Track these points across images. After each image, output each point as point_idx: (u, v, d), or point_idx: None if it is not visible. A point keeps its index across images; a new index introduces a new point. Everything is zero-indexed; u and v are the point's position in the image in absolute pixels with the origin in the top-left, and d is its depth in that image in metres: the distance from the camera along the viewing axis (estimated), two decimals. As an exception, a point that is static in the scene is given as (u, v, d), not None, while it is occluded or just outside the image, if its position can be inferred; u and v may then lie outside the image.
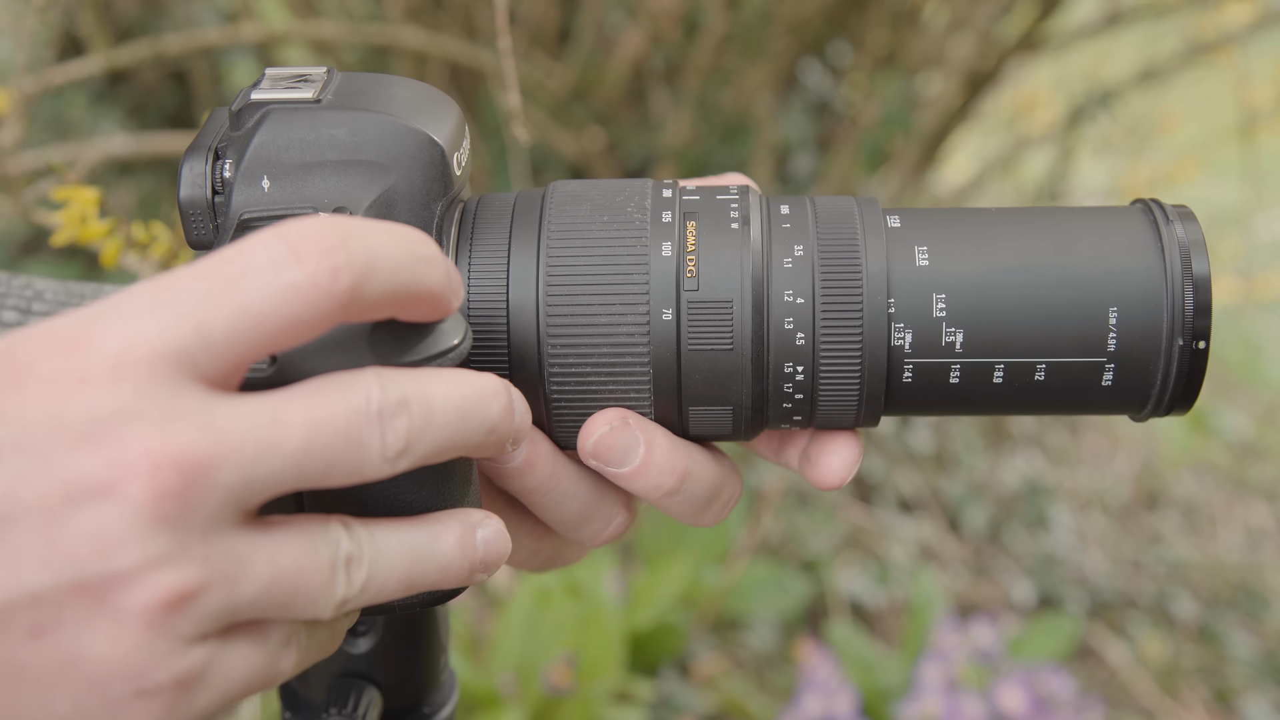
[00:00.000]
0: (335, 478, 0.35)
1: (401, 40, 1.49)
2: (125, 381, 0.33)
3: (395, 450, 0.36)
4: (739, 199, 0.46)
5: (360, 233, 0.36)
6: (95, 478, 0.32)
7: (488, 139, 1.81)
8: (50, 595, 0.32)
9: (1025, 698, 1.33)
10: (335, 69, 0.46)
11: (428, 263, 0.38)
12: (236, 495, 0.34)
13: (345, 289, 0.35)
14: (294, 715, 0.51)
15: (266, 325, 0.34)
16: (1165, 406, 0.46)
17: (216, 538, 0.34)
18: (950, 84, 1.90)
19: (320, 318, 0.35)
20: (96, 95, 2.03)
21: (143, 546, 0.32)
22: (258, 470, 0.34)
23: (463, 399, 0.38)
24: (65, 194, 0.64)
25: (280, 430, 0.34)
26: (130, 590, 0.32)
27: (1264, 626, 1.86)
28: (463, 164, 0.45)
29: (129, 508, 0.32)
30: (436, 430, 0.37)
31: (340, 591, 0.36)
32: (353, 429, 0.35)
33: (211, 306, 0.34)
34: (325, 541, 0.36)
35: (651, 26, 1.79)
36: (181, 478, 0.32)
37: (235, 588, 0.34)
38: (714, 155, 1.85)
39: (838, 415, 0.46)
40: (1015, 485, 2.03)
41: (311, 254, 0.35)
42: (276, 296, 0.34)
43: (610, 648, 1.35)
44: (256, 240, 0.35)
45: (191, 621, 0.33)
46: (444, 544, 0.39)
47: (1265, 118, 2.10)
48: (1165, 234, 0.45)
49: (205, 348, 0.34)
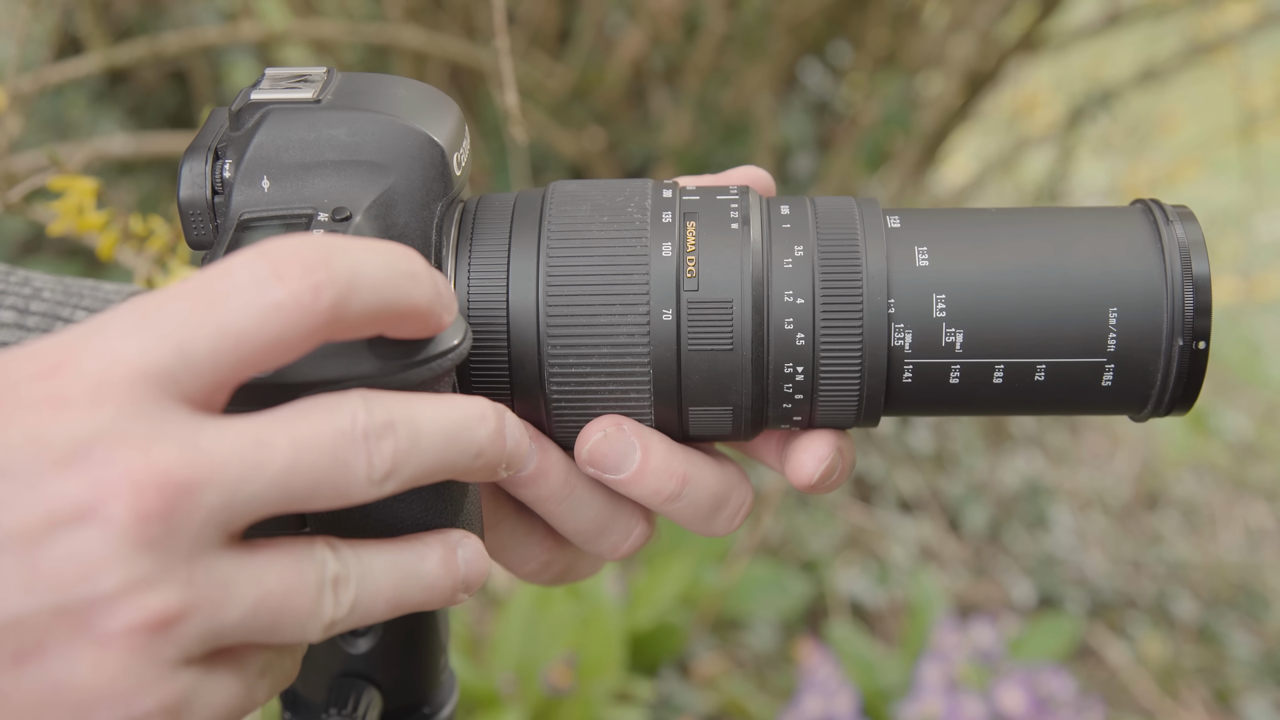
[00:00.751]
0: (321, 500, 0.35)
1: (401, 40, 1.49)
2: (107, 403, 0.33)
3: (381, 472, 0.36)
4: (739, 199, 0.46)
5: (343, 250, 0.36)
6: (77, 501, 0.32)
7: (488, 139, 1.81)
8: (33, 621, 0.32)
9: (1025, 698, 1.33)
10: (335, 69, 0.46)
11: (413, 279, 0.37)
12: (220, 517, 0.33)
13: (328, 306, 0.35)
14: (294, 715, 0.51)
15: (249, 344, 0.34)
16: (1165, 407, 0.46)
17: (200, 560, 0.33)
18: (950, 84, 1.90)
19: (303, 336, 0.35)
20: (96, 95, 2.03)
21: (125, 569, 0.32)
22: (242, 491, 0.34)
23: (450, 422, 0.38)
24: (63, 183, 0.64)
25: (264, 451, 0.34)
26: (113, 613, 0.32)
27: (1264, 626, 1.86)
28: (463, 164, 0.45)
29: (111, 530, 0.32)
30: (423, 453, 0.37)
31: (329, 613, 0.36)
32: (339, 450, 0.35)
33: (193, 327, 0.34)
34: (311, 562, 0.36)
35: (651, 26, 1.79)
36: (164, 499, 0.32)
37: (220, 610, 0.34)
38: (714, 155, 1.85)
39: (838, 415, 0.46)
40: (1015, 485, 2.03)
41: (294, 272, 0.34)
42: (259, 316, 0.34)
43: (610, 648, 1.35)
44: (238, 260, 0.35)
45: (176, 645, 0.33)
46: (429, 563, 0.39)
47: (1265, 118, 2.10)
48: (1165, 234, 0.45)
49: (187, 368, 0.34)
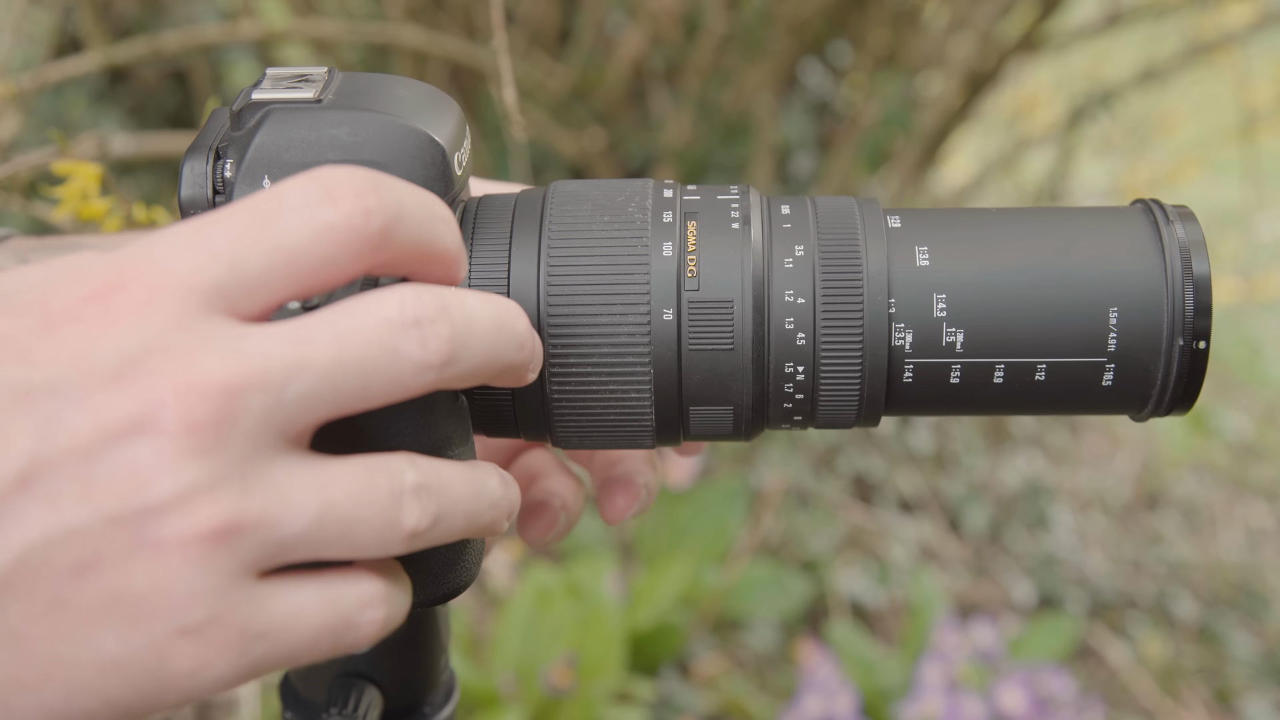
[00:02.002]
0: (376, 393, 0.35)
1: (401, 39, 1.49)
2: (155, 318, 0.33)
3: (440, 357, 0.36)
4: (739, 199, 0.47)
5: (390, 182, 0.36)
6: (127, 414, 0.32)
7: (488, 139, 1.81)
8: (89, 532, 0.32)
9: (1025, 698, 1.33)
10: (336, 69, 0.46)
11: (447, 223, 0.38)
12: (273, 420, 0.34)
13: (378, 230, 0.35)
14: (294, 715, 0.51)
15: (300, 263, 0.35)
16: (1165, 406, 0.46)
17: (256, 467, 0.33)
18: (950, 84, 1.90)
19: (352, 258, 0.35)
20: (96, 95, 2.03)
21: (177, 478, 0.32)
22: (289, 391, 0.34)
23: (495, 310, 0.38)
24: (67, 168, 0.64)
25: (307, 348, 0.34)
26: (166, 522, 0.32)
27: (1264, 626, 1.86)
28: (463, 164, 0.46)
29: (162, 440, 0.32)
30: (478, 338, 0.37)
31: (411, 520, 0.36)
32: (387, 338, 0.35)
33: (247, 244, 0.34)
34: (386, 471, 0.36)
35: (651, 26, 1.79)
36: (210, 406, 0.32)
37: (281, 518, 0.34)
38: (714, 155, 1.85)
39: (838, 415, 0.46)
40: (1015, 485, 2.03)
41: (346, 195, 0.35)
42: (311, 235, 0.35)
43: (610, 648, 1.35)
44: (291, 183, 0.35)
45: (234, 555, 0.33)
46: (493, 483, 0.40)
47: (1265, 118, 2.10)
48: (1165, 234, 0.45)
49: (239, 284, 0.34)
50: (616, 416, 0.46)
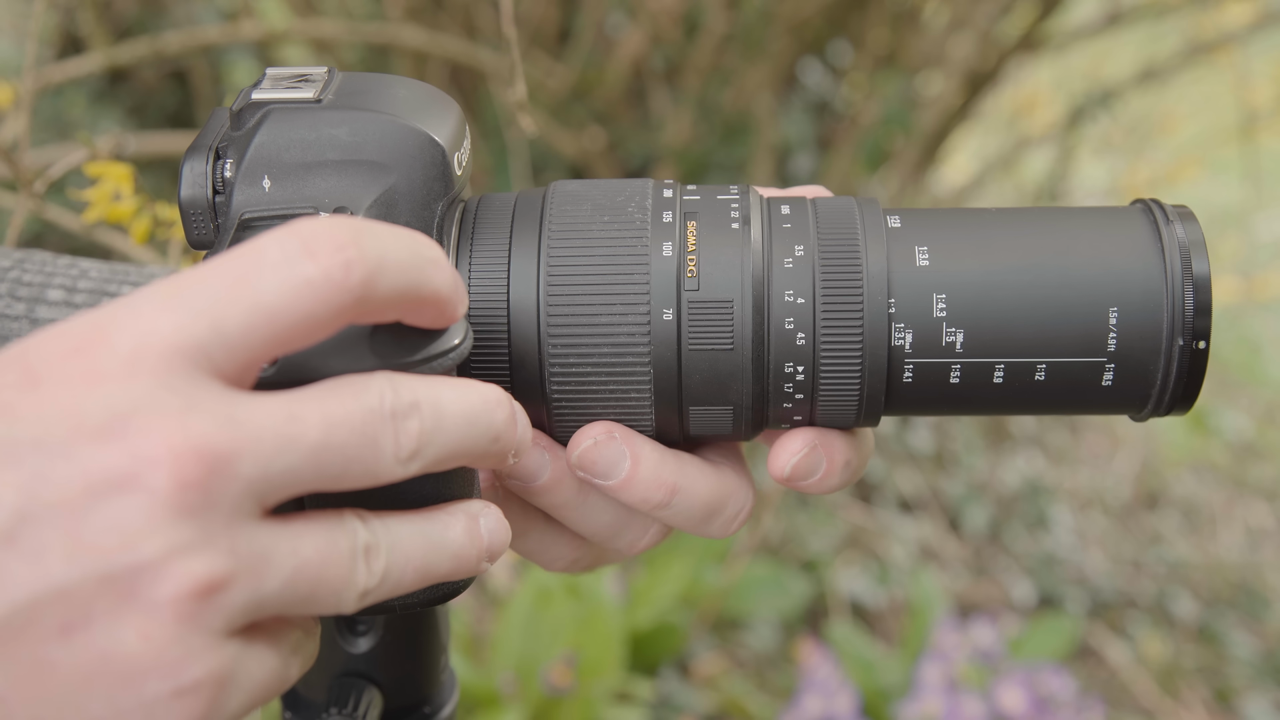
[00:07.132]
0: (351, 477, 0.35)
1: (401, 40, 1.49)
2: (142, 376, 0.33)
3: (408, 451, 0.36)
4: (739, 199, 0.47)
5: (371, 231, 0.36)
6: (116, 470, 0.32)
7: (488, 139, 1.82)
8: (78, 590, 0.32)
9: (1025, 698, 1.33)
10: (336, 69, 0.46)
11: (435, 265, 0.38)
12: (257, 488, 0.34)
13: (358, 283, 0.35)
14: (294, 715, 0.51)
15: (281, 320, 0.34)
16: (1165, 406, 0.46)
17: (239, 529, 0.33)
18: (950, 84, 1.90)
19: (333, 314, 0.35)
20: (97, 95, 2.03)
21: (167, 536, 0.32)
22: (277, 464, 0.34)
23: (470, 405, 0.38)
24: (98, 170, 0.64)
25: (297, 426, 0.34)
26: (158, 581, 0.32)
27: (1264, 626, 1.86)
28: (463, 164, 0.46)
29: (152, 498, 0.32)
30: (446, 434, 0.37)
31: (362, 581, 0.36)
32: (368, 428, 0.35)
33: (227, 303, 0.34)
34: (343, 531, 0.36)
35: (651, 26, 1.79)
36: (203, 467, 0.32)
37: (261, 579, 0.34)
38: (714, 155, 1.85)
39: (838, 415, 0.46)
40: (1015, 485, 2.03)
41: (325, 249, 0.35)
42: (291, 292, 0.34)
43: (610, 648, 1.35)
44: (269, 238, 0.35)
45: (221, 614, 0.33)
46: (454, 532, 0.39)
47: (1265, 118, 2.10)
48: (1165, 234, 0.45)
49: (221, 343, 0.34)
50: (616, 416, 0.46)
